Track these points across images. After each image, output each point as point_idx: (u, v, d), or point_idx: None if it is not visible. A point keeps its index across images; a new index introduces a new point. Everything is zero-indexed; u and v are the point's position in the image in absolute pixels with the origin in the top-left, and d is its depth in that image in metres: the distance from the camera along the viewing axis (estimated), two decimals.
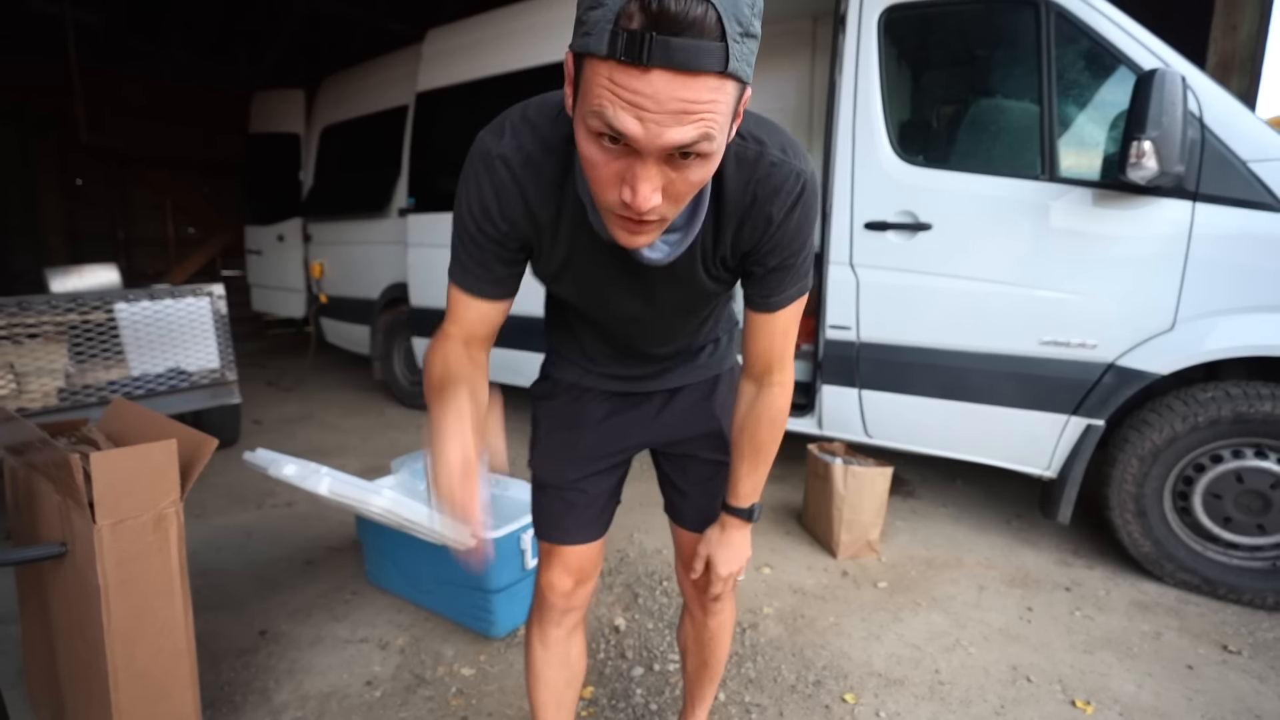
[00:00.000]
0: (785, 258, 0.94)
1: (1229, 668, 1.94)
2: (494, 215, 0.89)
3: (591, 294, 1.02)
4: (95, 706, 1.29)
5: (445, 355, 0.97)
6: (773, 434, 1.12)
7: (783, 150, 0.87)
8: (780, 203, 0.88)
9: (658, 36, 0.58)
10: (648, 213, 0.70)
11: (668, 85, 0.60)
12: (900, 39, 2.69)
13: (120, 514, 1.20)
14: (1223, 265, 2.15)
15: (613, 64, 0.61)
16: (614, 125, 0.63)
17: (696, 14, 0.58)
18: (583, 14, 0.63)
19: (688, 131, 0.63)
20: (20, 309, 2.79)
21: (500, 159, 0.86)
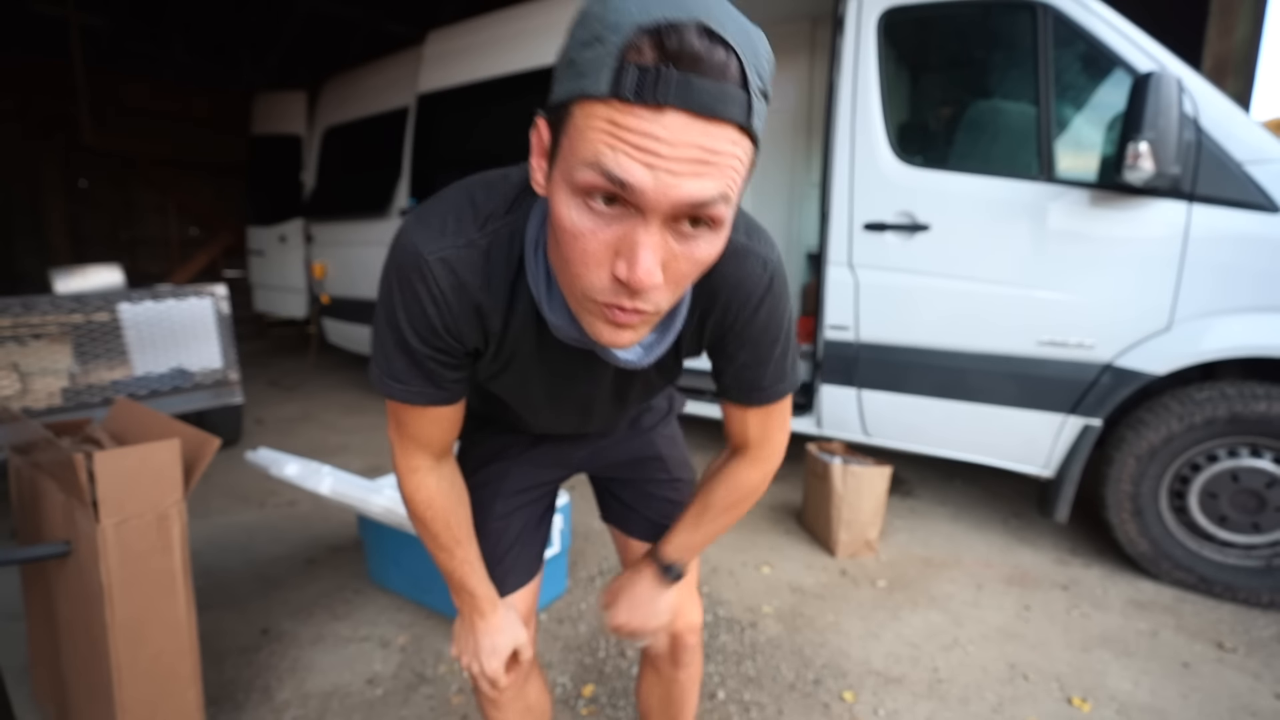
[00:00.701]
0: (758, 353, 0.83)
1: (1224, 665, 1.95)
2: (438, 329, 0.74)
3: (530, 395, 0.91)
4: (99, 704, 1.31)
5: (426, 494, 0.91)
6: (729, 500, 1.01)
7: (747, 234, 0.77)
8: (745, 295, 0.78)
9: (677, 73, 0.49)
10: (646, 293, 0.58)
11: (685, 129, 0.50)
12: (899, 41, 2.70)
13: (124, 513, 1.22)
14: (1219, 266, 2.16)
15: (615, 104, 0.51)
16: (615, 174, 0.52)
17: (719, 57, 0.50)
18: (573, 55, 0.54)
19: (706, 186, 0.53)
20: (25, 309, 2.80)
21: (441, 262, 0.71)
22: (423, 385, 0.80)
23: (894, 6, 2.59)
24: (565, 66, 0.55)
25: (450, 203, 0.74)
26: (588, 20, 0.53)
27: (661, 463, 1.18)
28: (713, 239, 0.58)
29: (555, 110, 0.56)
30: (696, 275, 0.61)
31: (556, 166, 0.57)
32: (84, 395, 2.93)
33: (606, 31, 0.51)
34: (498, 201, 0.74)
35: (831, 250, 2.74)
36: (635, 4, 0.51)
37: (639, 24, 0.50)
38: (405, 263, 0.72)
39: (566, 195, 0.56)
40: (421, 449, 0.89)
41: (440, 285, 0.71)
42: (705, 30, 0.50)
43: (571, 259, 0.58)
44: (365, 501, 2.00)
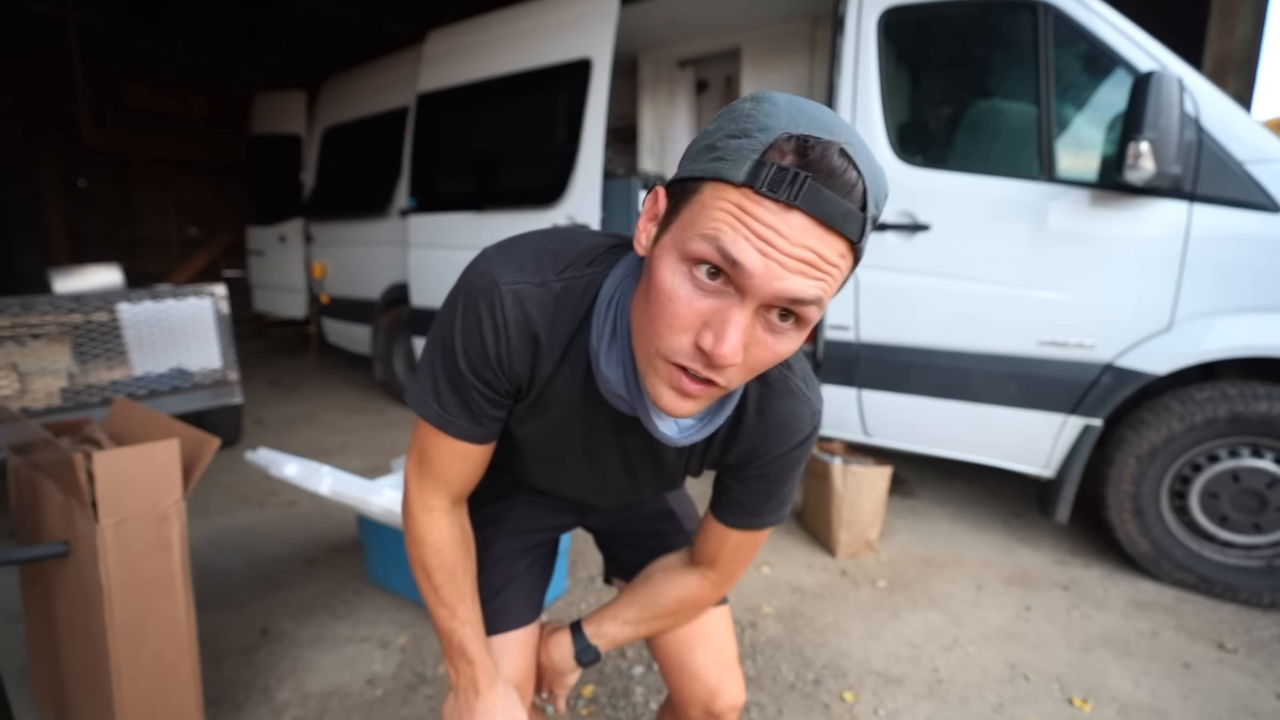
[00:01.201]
0: (770, 488, 0.86)
1: (1225, 666, 1.95)
2: (493, 361, 0.75)
3: (551, 449, 0.90)
4: (98, 704, 1.30)
5: (436, 538, 0.88)
6: (675, 609, 0.99)
7: (804, 381, 0.82)
8: (788, 438, 0.82)
9: (811, 180, 0.53)
10: (722, 371, 0.60)
11: (805, 231, 0.54)
12: (899, 40, 2.70)
13: (123, 513, 1.22)
14: (1219, 266, 2.16)
15: (748, 192, 0.55)
16: (729, 251, 0.55)
17: (850, 178, 0.54)
18: (718, 140, 0.57)
19: (809, 286, 0.56)
20: (24, 309, 2.80)
21: (513, 294, 0.73)
22: (461, 416, 0.80)
23: (894, 6, 2.59)
24: (705, 149, 0.58)
25: (534, 243, 0.77)
26: (739, 115, 0.57)
27: (672, 517, 1.16)
28: (795, 337, 0.61)
29: (683, 183, 0.60)
30: (768, 368, 0.64)
31: (668, 232, 0.60)
32: (83, 395, 2.93)
33: (756, 130, 0.55)
34: (580, 253, 0.76)
35: None
36: (788, 115, 0.55)
37: (788, 130, 0.54)
38: (478, 287, 0.73)
39: (674, 261, 0.59)
40: (441, 488, 0.87)
41: (506, 315, 0.73)
42: (844, 152, 0.54)
43: (659, 318, 0.60)
44: (365, 502, 2.00)
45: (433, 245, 4.22)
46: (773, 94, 0.58)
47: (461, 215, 4.07)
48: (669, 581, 0.99)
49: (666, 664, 1.09)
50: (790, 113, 0.56)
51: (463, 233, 4.04)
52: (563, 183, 3.50)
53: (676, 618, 1.00)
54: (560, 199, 3.52)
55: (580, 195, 3.45)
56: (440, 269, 4.16)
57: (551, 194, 3.55)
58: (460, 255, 3.96)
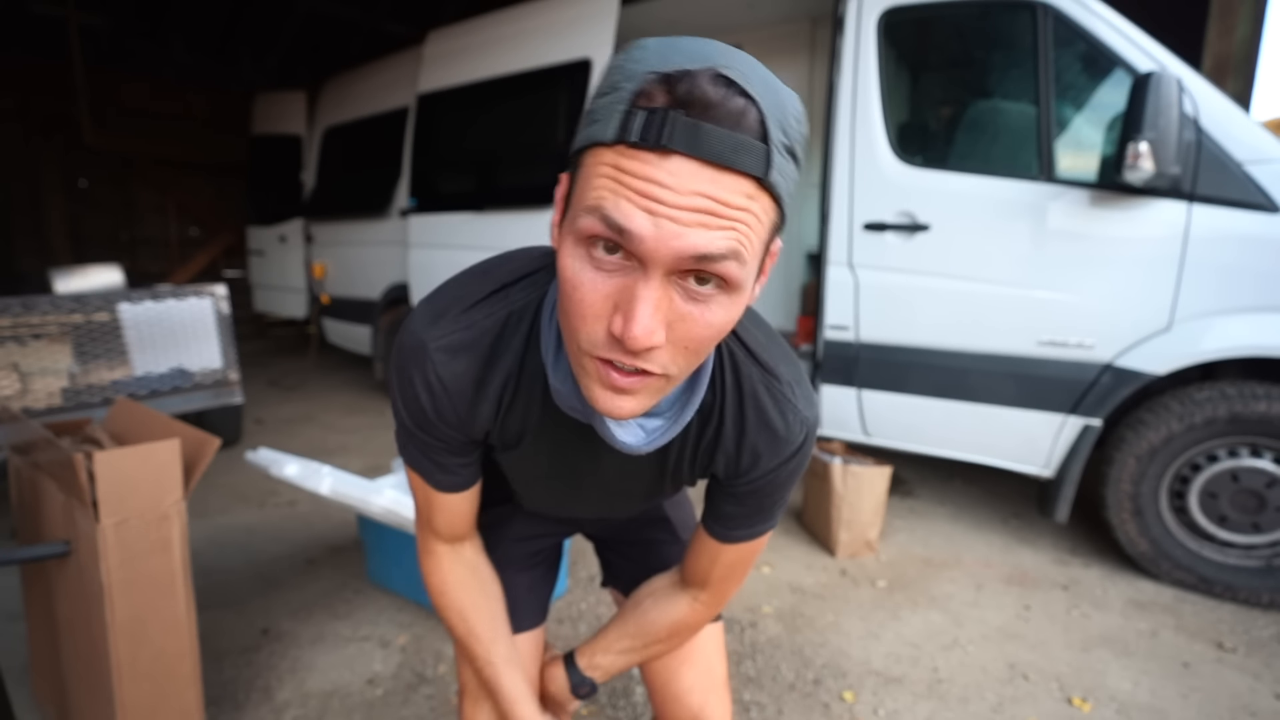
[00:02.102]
0: (761, 502, 0.81)
1: (1224, 665, 1.95)
2: (435, 420, 0.73)
3: (529, 474, 0.87)
4: (99, 704, 1.31)
5: (438, 581, 0.88)
6: (670, 636, 0.95)
7: (793, 388, 0.75)
8: (778, 451, 0.76)
9: (685, 117, 0.46)
10: (643, 355, 0.53)
11: (691, 176, 0.47)
12: (899, 41, 2.70)
13: (124, 513, 1.22)
14: (1219, 266, 2.16)
15: (620, 149, 0.48)
16: (614, 219, 0.48)
17: (736, 104, 0.47)
18: (590, 106, 0.52)
19: (713, 238, 0.48)
20: (25, 309, 2.80)
21: (443, 350, 0.69)
22: (431, 470, 0.79)
23: (894, 6, 2.60)
24: (584, 117, 0.53)
25: (459, 286, 0.73)
26: (609, 71, 0.52)
27: (668, 524, 1.13)
28: (727, 303, 0.53)
29: (571, 161, 0.54)
30: (710, 342, 0.55)
31: (565, 218, 0.55)
32: (84, 395, 2.93)
33: (622, 80, 0.49)
34: (513, 278, 0.72)
35: (831, 250, 2.74)
36: (656, 55, 0.49)
37: (655, 69, 0.48)
38: (408, 350, 0.71)
39: (571, 245, 0.53)
40: (434, 534, 0.87)
41: (439, 373, 0.70)
42: (721, 78, 0.47)
43: (570, 311, 0.54)
44: (365, 501, 2.00)
45: (433, 245, 4.22)
46: (646, 40, 0.52)
47: (462, 215, 4.08)
48: (659, 609, 0.95)
49: (652, 683, 1.06)
50: (660, 52, 0.49)
51: (463, 233, 4.04)
52: None
53: (669, 643, 0.97)
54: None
55: None
56: (440, 269, 4.16)
57: (551, 194, 3.54)
58: (460, 255, 3.97)
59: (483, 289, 0.72)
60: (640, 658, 0.98)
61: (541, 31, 3.69)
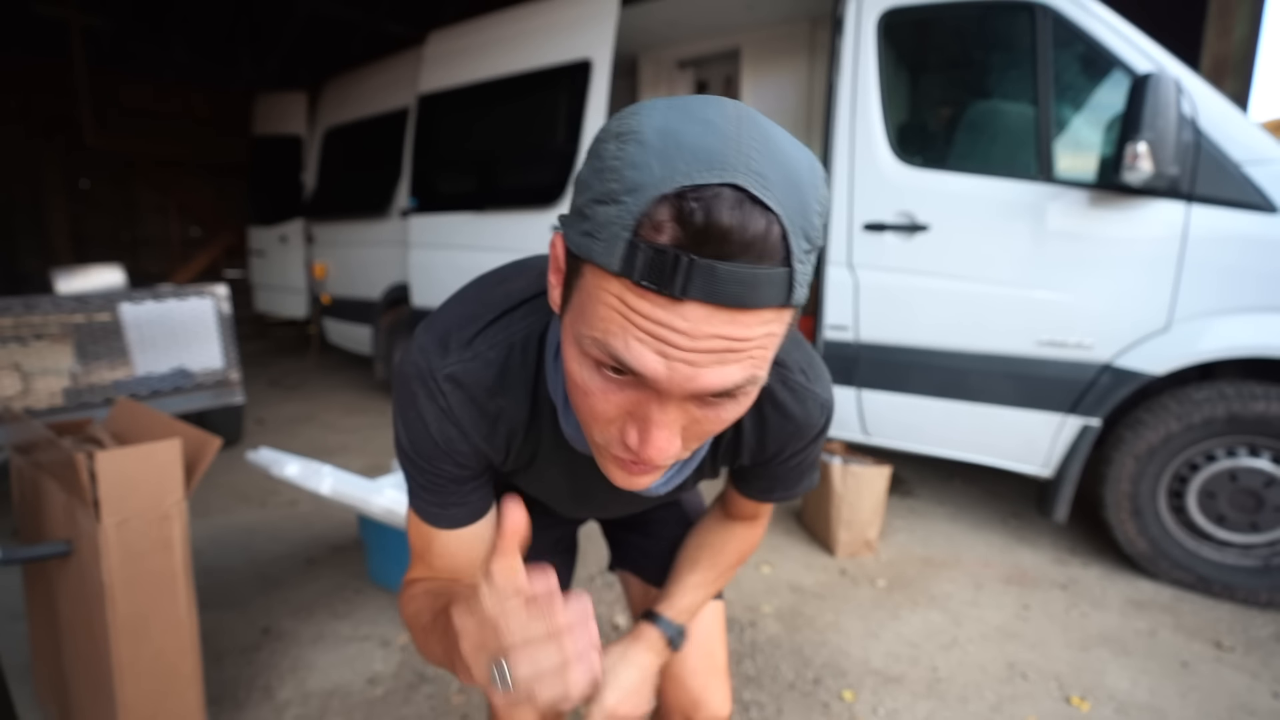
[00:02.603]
0: (790, 477, 0.83)
1: (1223, 665, 1.95)
2: (444, 449, 0.69)
3: (550, 489, 0.86)
4: (101, 703, 1.31)
5: (414, 610, 0.73)
6: (738, 561, 1.00)
7: (804, 373, 0.73)
8: (800, 436, 0.75)
9: (699, 261, 0.41)
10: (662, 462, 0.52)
11: (708, 321, 0.43)
12: (898, 42, 2.70)
13: (125, 512, 1.22)
14: (1217, 266, 2.17)
15: (628, 284, 0.44)
16: (625, 360, 0.45)
17: (756, 230, 0.41)
18: (584, 205, 0.46)
19: (730, 374, 0.46)
20: (27, 309, 2.81)
21: (450, 379, 0.66)
22: (432, 507, 0.74)
23: (893, 7, 2.60)
24: (577, 213, 0.47)
25: (461, 311, 0.70)
26: (604, 169, 0.45)
27: (678, 506, 1.14)
28: (743, 401, 0.51)
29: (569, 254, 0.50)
30: (719, 431, 0.54)
31: (568, 312, 0.51)
32: (85, 395, 2.94)
33: (623, 192, 0.43)
34: (513, 304, 0.69)
35: (831, 250, 2.75)
36: (660, 160, 0.42)
37: (660, 191, 0.42)
38: (414, 378, 0.67)
39: (576, 351, 0.50)
40: (430, 570, 0.79)
41: (449, 401, 0.67)
42: (741, 195, 0.41)
43: (582, 411, 0.53)
44: (366, 501, 2.00)
45: (433, 245, 4.22)
46: (641, 122, 0.44)
47: (462, 215, 4.08)
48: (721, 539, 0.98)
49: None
50: (663, 154, 0.42)
51: (463, 233, 4.05)
52: (563, 183, 3.51)
53: (739, 559, 1.00)
54: (560, 199, 3.53)
55: None
56: (441, 269, 4.17)
57: (551, 194, 3.56)
58: (461, 255, 3.98)
59: (483, 316, 0.69)
60: (718, 587, 1.00)
61: (542, 32, 3.70)
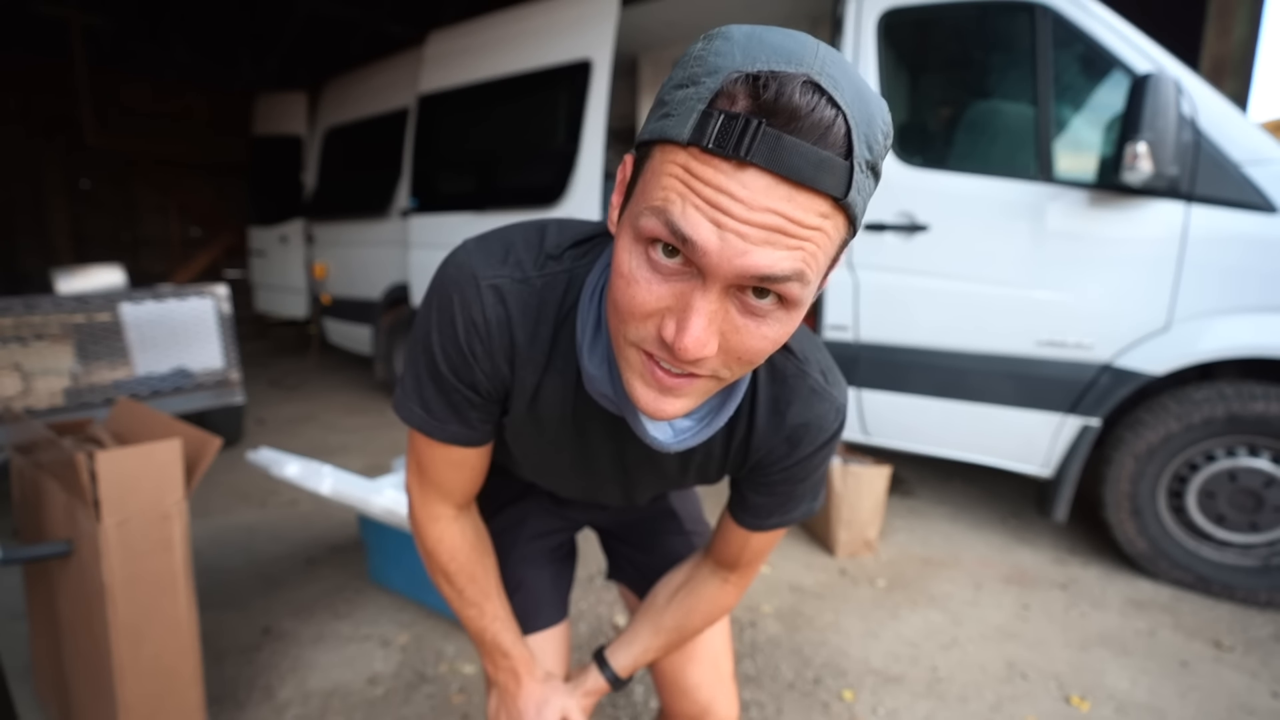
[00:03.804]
0: (795, 490, 0.79)
1: (1222, 664, 1.96)
2: (472, 359, 0.69)
3: (548, 460, 0.84)
4: (101, 703, 1.31)
5: (449, 546, 0.85)
6: (705, 624, 0.95)
7: (824, 375, 0.73)
8: (811, 439, 0.74)
9: (767, 127, 0.43)
10: (694, 364, 0.51)
11: (766, 191, 0.44)
12: (898, 42, 2.70)
13: (125, 512, 1.23)
14: (1217, 266, 2.17)
15: (695, 151, 0.45)
16: (680, 227, 0.45)
17: (824, 116, 0.43)
18: (665, 94, 0.49)
19: (779, 259, 0.45)
20: (27, 310, 2.81)
21: (493, 290, 0.66)
22: (449, 419, 0.74)
23: (893, 7, 2.60)
24: (657, 105, 0.50)
25: (515, 234, 0.70)
26: (688, 61, 0.48)
27: (674, 517, 1.13)
28: (784, 318, 0.50)
29: (640, 148, 0.51)
30: (763, 355, 0.53)
31: (628, 207, 0.52)
32: (86, 395, 2.94)
33: (704, 74, 0.46)
34: (566, 245, 0.70)
35: None
36: (743, 50, 0.45)
37: (740, 69, 0.44)
38: (455, 280, 0.67)
39: (630, 240, 0.51)
40: (443, 497, 0.83)
41: (486, 313, 0.67)
42: (813, 85, 0.43)
43: (621, 304, 0.52)
44: (366, 501, 2.01)
45: (433, 246, 4.23)
46: (731, 28, 0.48)
47: (462, 216, 4.08)
48: (694, 597, 0.93)
49: (660, 678, 1.06)
50: (746, 47, 0.45)
51: (463, 233, 4.01)
52: (563, 183, 3.51)
53: (703, 628, 0.96)
54: (560, 199, 3.53)
55: (580, 196, 3.46)
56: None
57: (552, 194, 3.56)
58: None
59: (537, 246, 0.69)
60: (674, 649, 0.97)
61: (542, 32, 3.70)
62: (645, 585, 1.10)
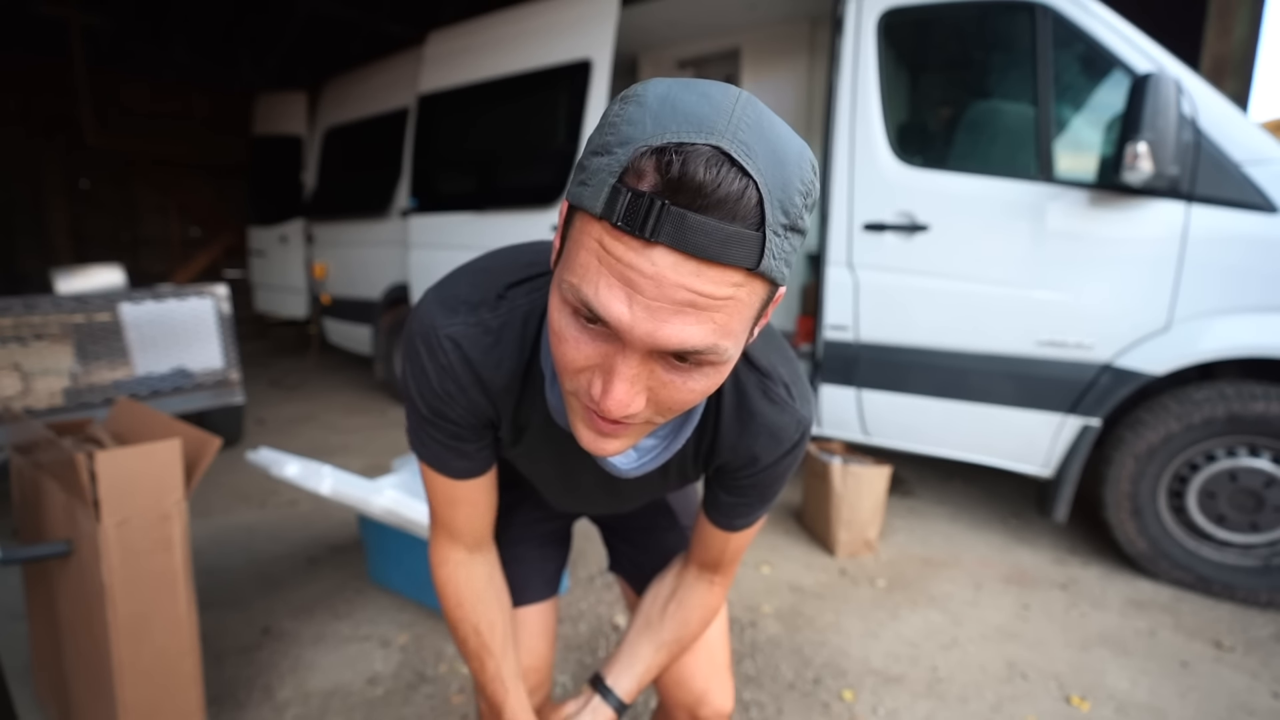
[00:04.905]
0: (762, 494, 0.83)
1: (1222, 664, 1.95)
2: (448, 400, 0.73)
3: (539, 471, 0.88)
4: (101, 703, 1.31)
5: (454, 591, 0.87)
6: (701, 630, 0.97)
7: (787, 387, 0.75)
8: (773, 449, 0.77)
9: (672, 207, 0.43)
10: (622, 419, 0.54)
11: (674, 268, 0.45)
12: (898, 42, 2.70)
13: (125, 512, 1.23)
14: (1217, 266, 2.17)
15: (606, 226, 0.46)
16: (592, 304, 0.48)
17: (730, 189, 0.43)
18: (585, 158, 0.50)
19: (691, 333, 0.47)
20: (27, 309, 2.81)
21: (451, 340, 0.70)
22: (445, 456, 0.78)
23: (893, 7, 2.60)
24: (577, 169, 0.51)
25: (467, 278, 0.74)
26: (604, 126, 0.49)
27: (669, 511, 1.14)
28: (711, 373, 0.52)
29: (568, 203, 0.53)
30: (691, 404, 0.55)
31: (559, 264, 0.54)
32: (85, 395, 2.94)
33: (616, 144, 0.47)
34: (518, 277, 0.72)
35: (831, 250, 2.75)
36: (654, 118, 0.46)
37: (648, 143, 0.45)
38: (420, 333, 0.71)
39: (558, 299, 0.53)
40: (451, 537, 0.86)
41: (449, 359, 0.70)
42: (721, 156, 0.44)
43: (556, 358, 0.55)
44: (366, 501, 2.00)
45: (433, 246, 4.23)
46: (646, 88, 0.48)
47: (462, 215, 4.08)
48: (684, 606, 0.96)
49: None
50: (659, 114, 0.46)
51: (463, 233, 4.05)
52: (563, 183, 3.51)
53: (699, 633, 0.98)
54: (560, 199, 3.53)
55: None
56: (441, 269, 4.14)
57: (551, 194, 3.56)
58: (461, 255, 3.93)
59: (487, 288, 0.72)
60: (674, 661, 0.98)
61: (542, 32, 3.69)
62: (643, 581, 1.12)
